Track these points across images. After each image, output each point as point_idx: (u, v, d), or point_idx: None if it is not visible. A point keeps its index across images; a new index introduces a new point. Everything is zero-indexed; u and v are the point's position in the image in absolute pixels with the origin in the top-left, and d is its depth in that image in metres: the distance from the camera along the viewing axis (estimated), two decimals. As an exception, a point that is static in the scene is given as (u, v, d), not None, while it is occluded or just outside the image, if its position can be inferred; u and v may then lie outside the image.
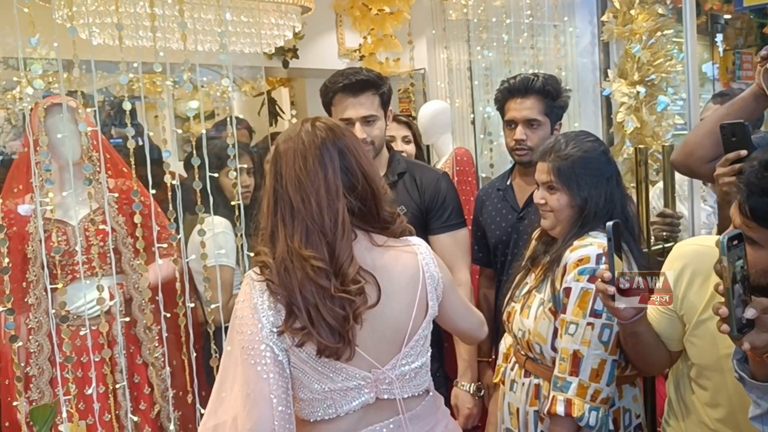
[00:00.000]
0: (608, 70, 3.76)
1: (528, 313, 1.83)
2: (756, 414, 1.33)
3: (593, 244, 1.73)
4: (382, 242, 1.47)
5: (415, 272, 1.47)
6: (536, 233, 2.00)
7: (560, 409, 1.68)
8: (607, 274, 1.41)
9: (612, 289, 1.41)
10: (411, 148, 3.18)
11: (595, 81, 3.93)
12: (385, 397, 1.44)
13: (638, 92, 3.50)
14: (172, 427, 2.29)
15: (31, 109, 2.11)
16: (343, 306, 1.35)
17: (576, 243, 1.76)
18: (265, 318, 1.35)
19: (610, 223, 1.41)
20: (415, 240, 1.54)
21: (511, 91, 2.27)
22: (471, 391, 2.21)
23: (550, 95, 2.24)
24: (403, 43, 4.45)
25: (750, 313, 1.21)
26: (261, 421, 1.32)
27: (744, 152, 1.64)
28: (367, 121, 2.10)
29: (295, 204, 1.37)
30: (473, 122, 4.02)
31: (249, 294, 1.37)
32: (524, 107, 2.23)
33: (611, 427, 1.75)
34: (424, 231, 2.17)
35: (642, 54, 3.48)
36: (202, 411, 2.12)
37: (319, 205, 1.37)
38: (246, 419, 1.32)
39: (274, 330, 1.35)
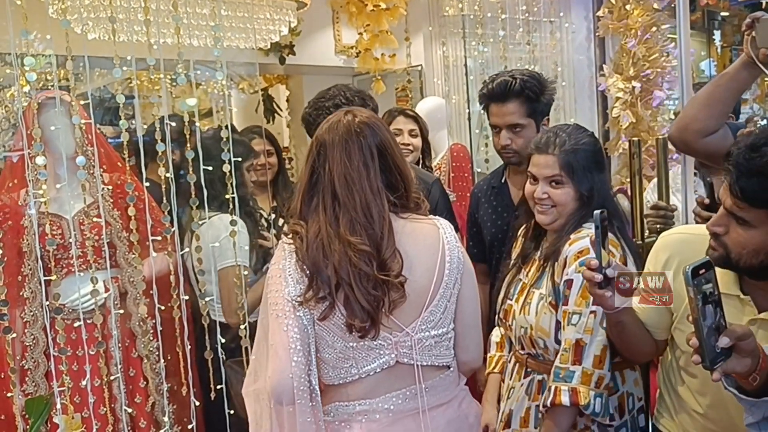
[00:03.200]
0: (604, 66, 3.77)
1: (528, 310, 1.82)
2: (750, 422, 1.33)
3: (590, 235, 1.72)
4: (407, 216, 1.57)
5: (435, 241, 1.57)
6: (522, 230, 2.00)
7: (565, 399, 1.67)
8: (594, 262, 1.41)
9: (599, 277, 1.41)
10: (417, 142, 3.19)
11: (591, 76, 3.94)
12: (405, 361, 1.51)
13: (633, 87, 3.51)
14: (166, 419, 2.30)
15: (27, 104, 2.12)
16: (382, 292, 1.45)
17: (573, 236, 1.76)
18: (291, 278, 1.46)
19: (597, 212, 1.42)
20: (440, 219, 1.65)
21: (490, 97, 2.25)
22: None
23: (530, 98, 2.21)
24: (399, 39, 4.46)
25: (723, 342, 1.20)
26: (279, 370, 1.43)
27: None
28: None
29: (341, 198, 1.48)
30: (469, 118, 4.04)
31: (280, 257, 1.50)
32: (506, 113, 2.21)
33: (612, 411, 1.75)
34: None
35: (637, 49, 3.49)
36: (197, 403, 2.13)
37: (364, 202, 1.48)
38: (268, 369, 1.45)
39: (298, 294, 1.45)
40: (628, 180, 2.68)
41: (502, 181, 2.41)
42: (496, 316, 2.00)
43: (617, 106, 3.56)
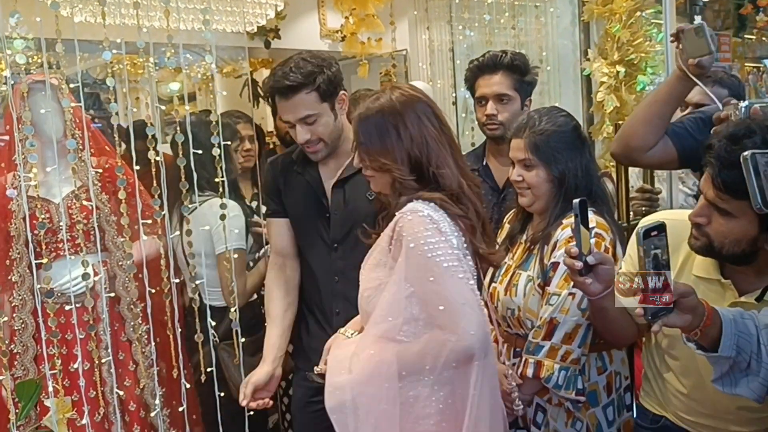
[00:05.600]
0: (588, 50, 3.79)
1: (515, 291, 1.85)
2: (716, 377, 1.39)
3: (571, 225, 1.75)
4: None
5: None
6: (509, 215, 2.03)
7: (530, 371, 1.76)
8: (574, 250, 1.42)
9: (579, 264, 1.42)
10: None
11: (576, 61, 3.96)
12: None
13: (618, 72, 3.53)
14: (157, 402, 2.31)
15: (13, 85, 2.10)
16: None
17: (565, 221, 1.79)
18: (454, 239, 1.52)
19: (576, 201, 1.43)
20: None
21: (480, 68, 2.33)
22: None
23: (519, 70, 2.30)
24: (385, 23, 4.45)
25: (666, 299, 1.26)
26: (482, 323, 1.48)
27: None
28: (307, 122, 1.97)
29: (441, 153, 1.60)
30: (455, 103, 4.05)
31: (430, 225, 1.49)
32: (493, 83, 2.29)
33: (580, 386, 1.79)
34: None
35: (621, 34, 3.50)
36: (188, 386, 2.15)
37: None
38: (465, 330, 1.43)
39: (461, 248, 1.54)
40: (613, 164, 2.71)
41: (484, 163, 2.43)
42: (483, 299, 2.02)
43: (602, 91, 3.57)
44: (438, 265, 1.47)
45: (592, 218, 1.73)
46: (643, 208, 2.34)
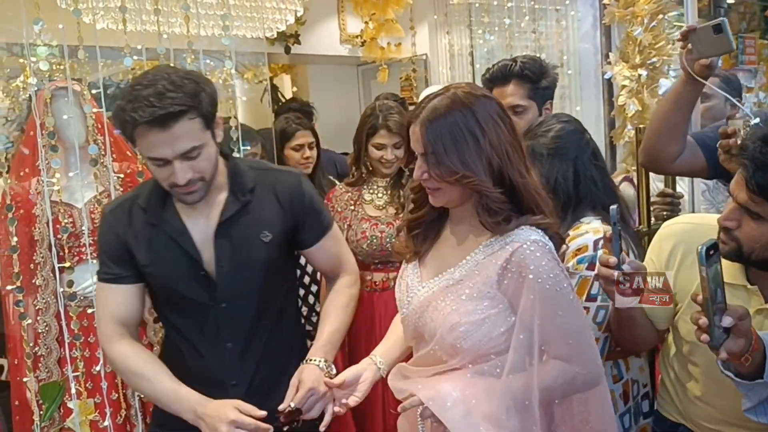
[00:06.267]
0: (610, 54, 3.76)
1: None
2: (748, 407, 1.35)
3: (589, 231, 1.73)
4: None
5: None
6: None
7: None
8: (612, 260, 1.38)
9: (617, 274, 1.38)
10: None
11: (597, 64, 3.94)
12: None
13: (640, 75, 3.50)
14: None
15: (37, 92, 2.13)
16: None
17: (572, 233, 1.76)
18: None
19: (614, 207, 1.39)
20: None
21: (491, 80, 2.26)
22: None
23: (531, 78, 2.22)
24: (404, 28, 4.46)
25: (727, 321, 1.22)
26: (597, 350, 1.47)
27: None
28: (188, 156, 1.51)
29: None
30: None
31: (551, 257, 1.38)
32: (506, 94, 2.21)
33: (619, 403, 1.77)
34: (292, 249, 1.78)
35: (643, 37, 3.48)
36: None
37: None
38: (593, 362, 1.42)
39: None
40: (634, 168, 2.69)
41: None
42: None
43: (623, 94, 3.55)
44: (565, 298, 1.38)
45: (599, 227, 1.72)
46: (665, 213, 2.31)
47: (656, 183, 2.54)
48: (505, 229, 1.38)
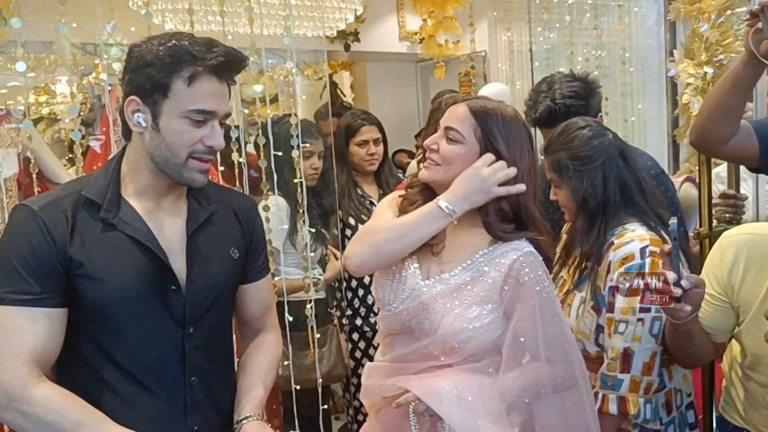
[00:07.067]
0: (674, 51, 3.68)
1: (569, 312, 1.81)
2: None
3: (634, 240, 1.69)
4: None
5: None
6: (566, 227, 1.99)
7: (613, 408, 1.66)
8: (672, 275, 1.35)
9: (678, 291, 1.36)
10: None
11: (660, 61, 3.86)
12: None
13: (705, 73, 3.42)
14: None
15: (110, 91, 2.24)
16: None
17: (617, 242, 1.71)
18: None
19: (673, 222, 1.36)
20: None
21: (537, 123, 2.16)
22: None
23: (578, 113, 2.05)
24: (463, 25, 4.46)
25: None
26: None
27: None
28: (221, 122, 1.36)
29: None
30: (534, 104, 4.00)
31: (543, 267, 1.48)
32: (556, 133, 2.15)
33: (661, 413, 1.73)
34: (241, 279, 1.50)
35: (710, 33, 3.39)
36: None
37: None
38: (578, 363, 1.49)
39: None
40: (697, 168, 2.63)
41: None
42: None
43: (688, 92, 3.48)
44: (557, 306, 1.48)
45: (645, 234, 1.69)
46: (727, 215, 2.25)
47: (717, 185, 2.48)
48: (510, 237, 1.46)
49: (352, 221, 2.77)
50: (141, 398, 1.31)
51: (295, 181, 2.15)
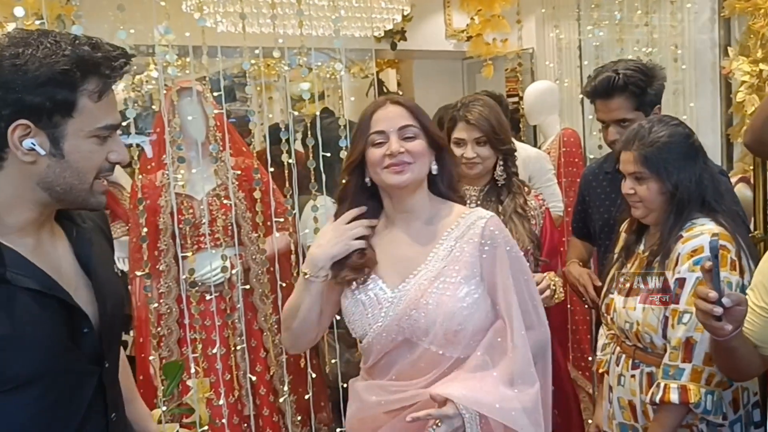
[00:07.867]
0: (728, 48, 3.59)
1: (634, 306, 1.82)
2: None
3: (703, 233, 1.69)
4: None
5: None
6: (624, 225, 1.98)
7: (674, 396, 1.65)
8: (713, 294, 1.35)
9: (719, 310, 1.35)
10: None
11: (714, 59, 3.76)
12: None
13: (761, 71, 3.33)
14: (285, 388, 2.46)
15: (165, 93, 2.31)
16: None
17: (686, 235, 1.72)
18: None
19: (713, 239, 1.35)
20: None
21: (593, 93, 2.18)
22: None
23: (636, 91, 2.12)
24: (510, 22, 4.43)
25: None
26: None
27: None
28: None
29: None
30: (582, 103, 3.96)
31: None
32: (611, 108, 2.14)
33: (724, 409, 1.71)
34: None
35: (766, 30, 3.30)
36: (314, 375, 2.27)
37: None
38: (546, 324, 1.56)
39: None
40: (752, 168, 2.57)
41: (617, 167, 2.37)
42: (600, 311, 1.99)
43: (742, 90, 3.38)
44: (526, 264, 1.55)
45: (714, 228, 1.67)
46: (784, 218, 2.20)
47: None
48: (452, 197, 1.55)
49: None
50: None
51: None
